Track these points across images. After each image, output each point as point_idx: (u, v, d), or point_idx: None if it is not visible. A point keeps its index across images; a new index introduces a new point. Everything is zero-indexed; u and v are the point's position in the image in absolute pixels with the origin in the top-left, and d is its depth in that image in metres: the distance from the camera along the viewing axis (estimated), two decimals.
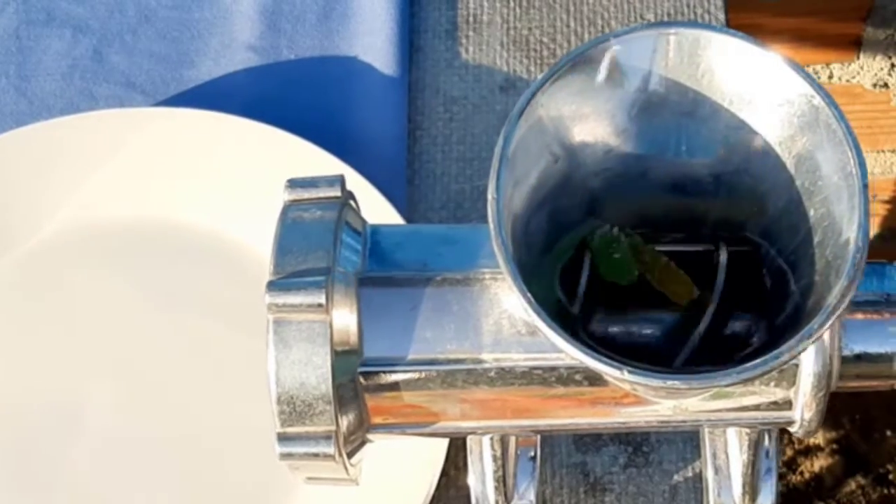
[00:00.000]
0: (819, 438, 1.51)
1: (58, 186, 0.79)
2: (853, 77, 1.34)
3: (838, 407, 1.51)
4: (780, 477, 0.57)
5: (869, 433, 1.52)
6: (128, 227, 0.79)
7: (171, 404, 0.75)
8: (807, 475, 1.50)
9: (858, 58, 1.33)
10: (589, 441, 0.71)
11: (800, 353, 0.44)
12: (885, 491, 1.49)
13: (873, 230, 1.47)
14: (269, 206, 0.57)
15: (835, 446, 1.51)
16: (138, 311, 0.77)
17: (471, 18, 0.83)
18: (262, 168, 0.77)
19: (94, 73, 0.83)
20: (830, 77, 1.33)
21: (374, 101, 0.80)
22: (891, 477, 1.49)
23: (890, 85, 1.35)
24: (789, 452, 1.50)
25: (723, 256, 0.51)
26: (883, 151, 1.43)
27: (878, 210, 1.47)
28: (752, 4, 1.23)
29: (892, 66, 1.34)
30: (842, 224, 0.46)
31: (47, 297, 0.78)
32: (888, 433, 1.52)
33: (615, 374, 0.44)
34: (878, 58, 1.33)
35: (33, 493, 0.74)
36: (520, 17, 0.83)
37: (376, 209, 0.72)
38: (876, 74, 1.34)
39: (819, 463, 1.50)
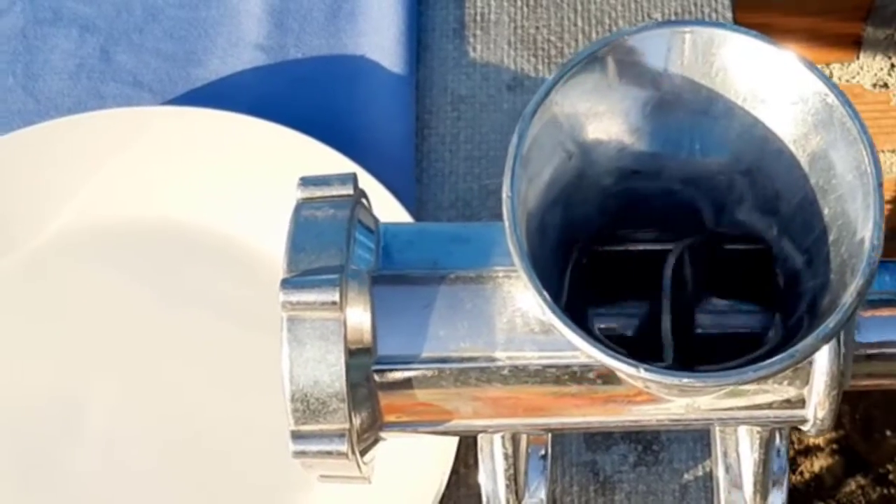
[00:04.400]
0: (819, 438, 1.51)
1: (65, 185, 0.79)
2: (853, 77, 1.35)
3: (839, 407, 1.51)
4: (788, 494, 0.57)
5: (869, 433, 1.52)
6: (136, 226, 0.79)
7: (177, 404, 0.75)
8: (807, 475, 1.50)
9: (858, 58, 1.33)
10: (599, 440, 0.71)
11: (815, 352, 0.44)
12: (885, 491, 1.49)
13: None
14: (278, 204, 0.57)
15: (835, 446, 1.51)
16: (147, 310, 0.77)
17: (478, 17, 0.83)
18: (269, 167, 0.77)
19: (101, 72, 0.83)
20: (830, 77, 1.33)
21: (381, 100, 0.80)
22: (891, 477, 1.49)
23: (890, 85, 1.35)
24: (789, 452, 1.50)
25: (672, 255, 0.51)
26: (883, 151, 1.43)
27: None
28: (755, 4, 1.23)
29: (892, 66, 1.34)
30: (856, 223, 0.46)
31: (54, 295, 0.78)
32: (888, 433, 1.52)
33: (631, 372, 0.44)
34: (878, 58, 1.33)
35: (38, 492, 0.73)
36: (527, 15, 0.83)
37: (385, 208, 0.72)
38: (876, 74, 1.34)
39: (819, 463, 1.50)
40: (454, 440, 0.69)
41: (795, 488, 1.50)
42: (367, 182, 0.73)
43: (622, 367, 0.44)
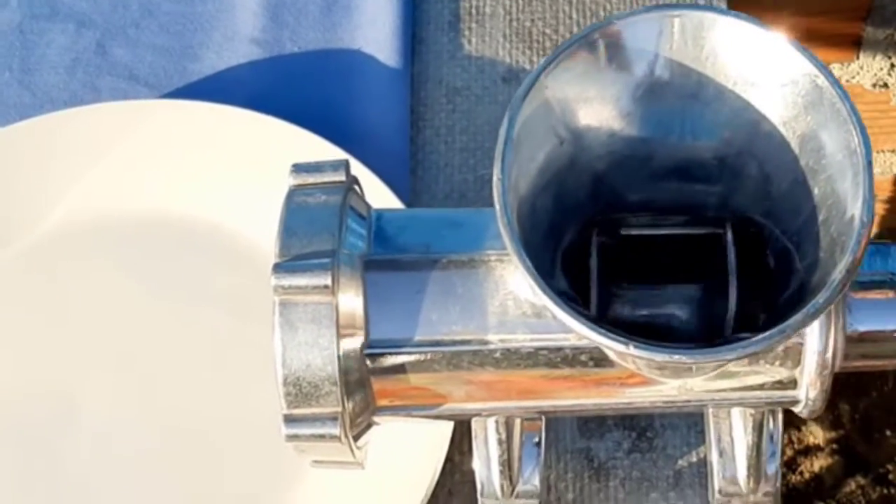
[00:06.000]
0: (819, 438, 1.50)
1: (61, 179, 0.79)
2: (853, 77, 1.35)
3: (838, 407, 1.51)
4: (780, 477, 0.57)
5: (869, 433, 1.52)
6: (131, 220, 0.79)
7: (172, 396, 0.75)
8: (807, 475, 1.50)
9: (858, 58, 1.33)
10: (593, 426, 0.71)
11: (804, 329, 0.45)
12: (885, 491, 1.49)
13: (872, 230, 1.47)
14: (273, 197, 0.57)
15: (835, 446, 1.51)
16: (142, 304, 0.77)
17: (473, 10, 0.84)
18: (265, 159, 0.77)
19: (97, 66, 0.84)
20: None
21: (376, 93, 0.81)
22: (891, 477, 1.49)
23: (890, 85, 1.35)
24: (789, 452, 1.50)
25: (728, 235, 0.51)
26: (883, 151, 1.43)
27: (878, 210, 1.47)
28: (753, 2, 1.23)
29: (892, 66, 1.34)
30: (846, 201, 0.46)
31: (50, 289, 0.78)
32: (888, 433, 1.52)
33: (621, 349, 0.44)
34: (878, 58, 1.33)
35: (33, 487, 0.73)
36: (522, 8, 0.83)
37: (380, 199, 0.72)
38: (876, 74, 1.34)
39: (819, 463, 1.50)
40: (449, 427, 0.69)
41: (795, 488, 1.49)
42: (362, 174, 0.73)
43: (612, 345, 0.44)
